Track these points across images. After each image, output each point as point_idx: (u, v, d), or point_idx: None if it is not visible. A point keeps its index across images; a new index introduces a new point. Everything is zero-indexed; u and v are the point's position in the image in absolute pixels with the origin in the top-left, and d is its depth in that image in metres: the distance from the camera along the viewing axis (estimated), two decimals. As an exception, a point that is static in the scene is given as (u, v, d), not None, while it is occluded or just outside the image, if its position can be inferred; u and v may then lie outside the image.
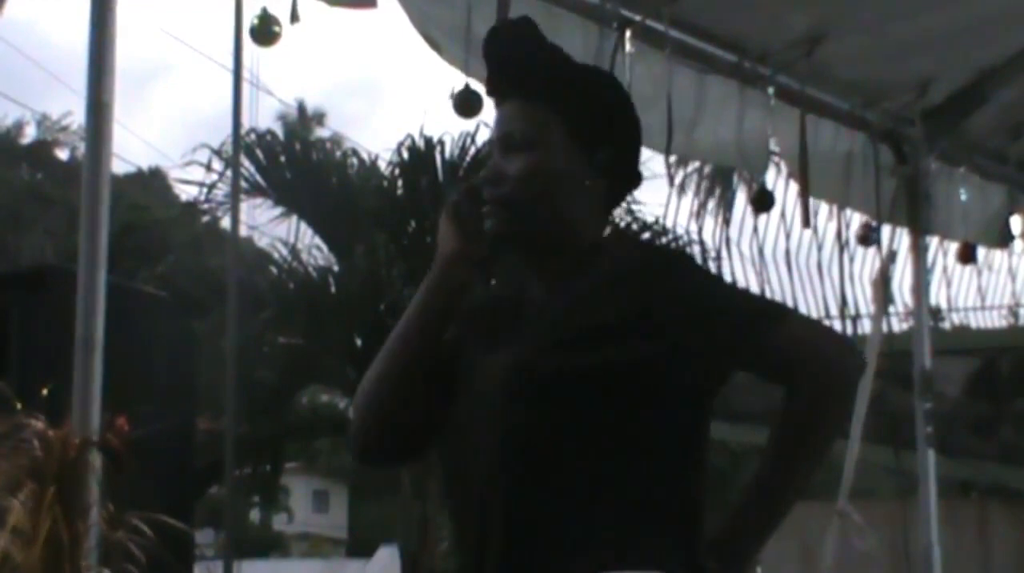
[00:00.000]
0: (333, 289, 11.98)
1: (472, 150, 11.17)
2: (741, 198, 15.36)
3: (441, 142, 11.27)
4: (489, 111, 2.25)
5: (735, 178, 19.86)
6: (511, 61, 1.98)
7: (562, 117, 1.94)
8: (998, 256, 6.00)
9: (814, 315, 9.20)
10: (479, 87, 3.40)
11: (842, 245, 5.07)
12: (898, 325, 5.98)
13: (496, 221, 1.91)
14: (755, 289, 9.38)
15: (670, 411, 1.85)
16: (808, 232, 7.85)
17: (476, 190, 1.94)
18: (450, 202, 1.94)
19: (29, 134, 32.85)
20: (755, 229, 8.84)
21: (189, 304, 11.14)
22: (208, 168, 12.10)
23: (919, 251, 4.96)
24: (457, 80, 3.41)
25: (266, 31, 3.39)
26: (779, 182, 5.64)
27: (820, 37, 4.10)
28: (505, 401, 1.86)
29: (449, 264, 1.91)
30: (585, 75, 2.04)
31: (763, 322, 1.83)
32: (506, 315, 1.98)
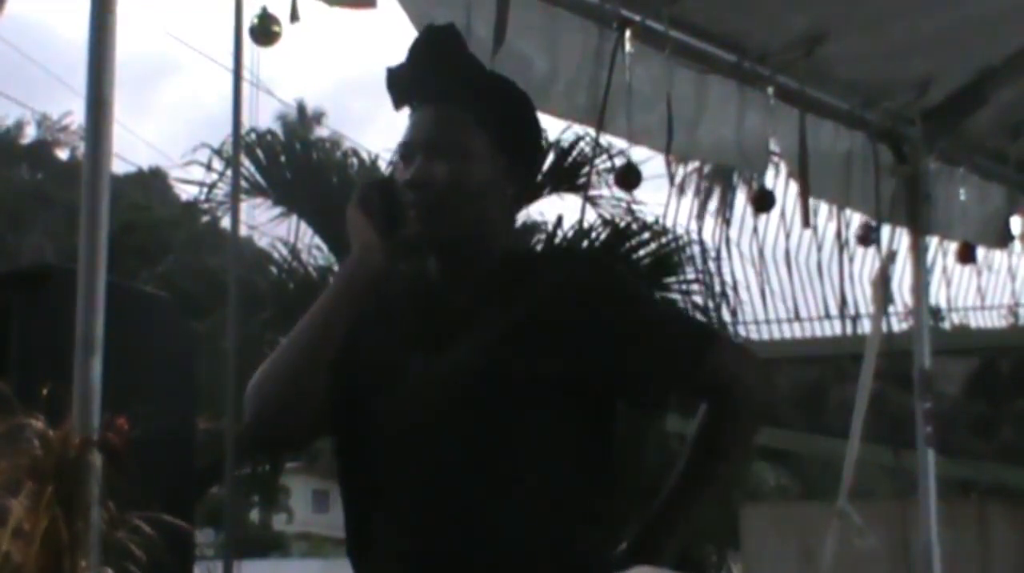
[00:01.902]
0: (333, 289, 11.95)
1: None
2: (741, 198, 15.37)
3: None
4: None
5: (735, 178, 19.88)
6: (437, 67, 2.00)
7: (485, 126, 1.98)
8: (998, 256, 6.01)
9: (814, 315, 9.23)
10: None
11: (842, 245, 5.08)
12: (898, 325, 5.98)
13: (423, 225, 1.94)
14: (755, 289, 9.40)
15: (593, 416, 1.95)
16: (808, 232, 7.87)
17: (386, 183, 1.98)
18: (359, 194, 1.98)
19: (29, 134, 32.94)
20: (755, 229, 8.85)
21: (189, 304, 11.13)
22: (208, 168, 12.10)
23: (919, 251, 4.95)
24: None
25: (266, 31, 3.39)
26: (779, 182, 5.65)
27: (820, 37, 4.10)
28: (449, 402, 1.90)
29: (365, 255, 1.94)
30: (502, 85, 2.07)
31: (692, 347, 1.96)
32: (416, 314, 1.99)
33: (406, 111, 2.04)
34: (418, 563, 1.88)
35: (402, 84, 2.03)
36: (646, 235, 11.61)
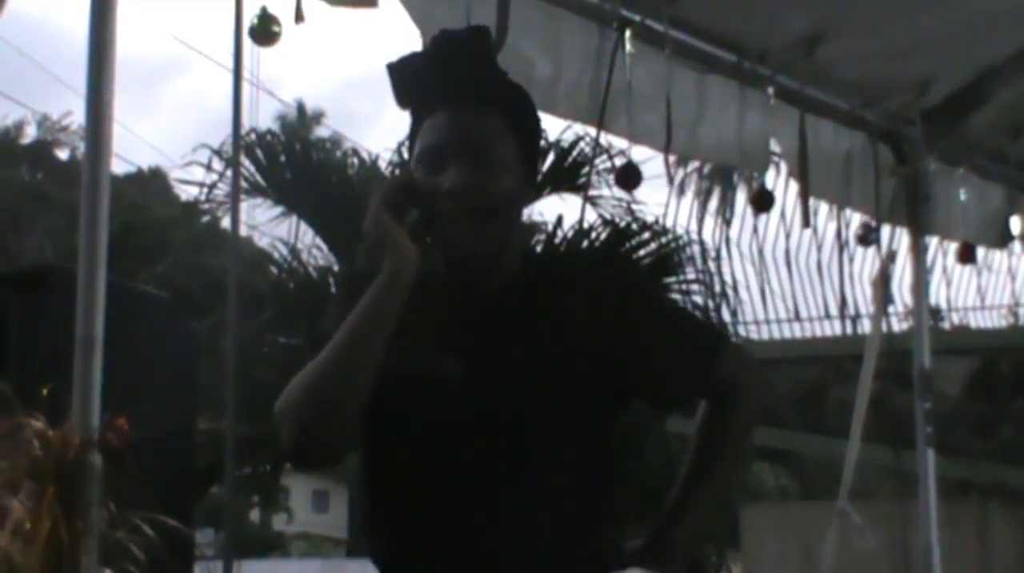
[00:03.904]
0: (333, 289, 11.98)
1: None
2: (741, 198, 15.36)
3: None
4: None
5: (735, 178, 19.90)
6: (471, 69, 1.95)
7: (516, 134, 1.96)
8: (998, 256, 6.00)
9: (814, 315, 9.23)
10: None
11: (842, 245, 5.08)
12: (898, 325, 5.98)
13: (467, 234, 1.90)
14: (755, 289, 9.41)
15: (615, 416, 2.00)
16: (808, 232, 7.87)
17: (411, 186, 1.91)
18: (386, 198, 1.88)
19: (29, 134, 32.93)
20: (755, 229, 8.85)
21: (189, 304, 11.13)
22: (208, 168, 12.10)
23: (919, 251, 4.95)
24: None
25: (266, 31, 3.39)
26: (779, 182, 5.65)
27: (820, 37, 4.10)
28: (494, 406, 1.91)
29: (402, 267, 1.86)
30: (522, 92, 2.05)
31: (707, 349, 2.02)
32: (449, 319, 1.98)
33: (401, 110, 2.00)
34: (460, 562, 1.89)
35: (419, 82, 1.95)
36: (646, 235, 11.61)
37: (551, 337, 1.92)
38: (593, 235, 11.69)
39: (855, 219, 4.90)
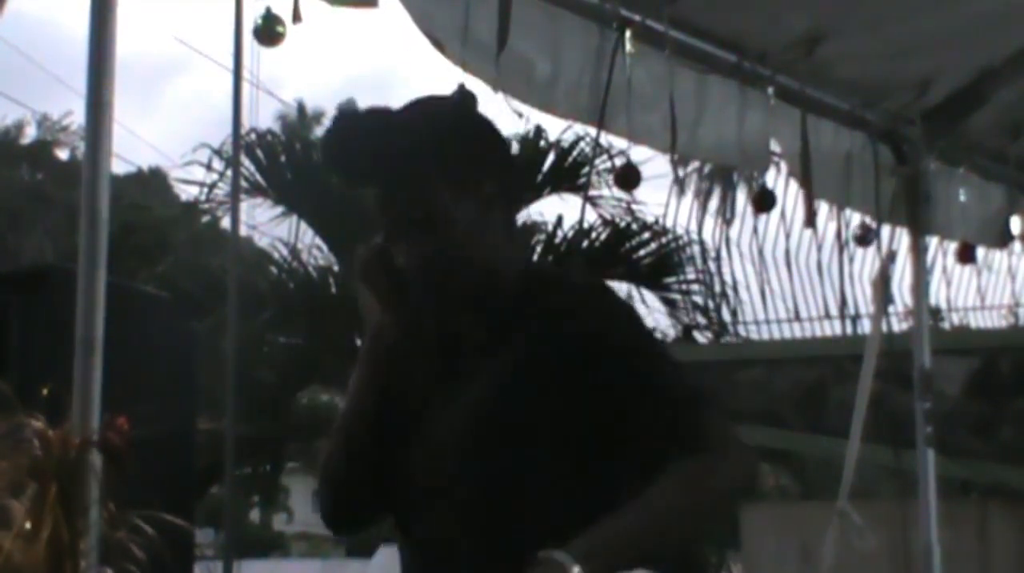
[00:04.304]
0: (333, 289, 11.99)
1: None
2: (741, 198, 15.35)
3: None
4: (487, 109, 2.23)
5: (735, 178, 19.88)
6: (367, 153, 1.96)
7: (444, 177, 1.95)
8: (998, 256, 6.00)
9: (814, 315, 9.23)
10: (476, 86, 3.40)
11: (842, 245, 5.08)
12: (898, 325, 5.98)
13: (444, 299, 1.97)
14: (755, 289, 9.40)
15: (593, 457, 1.91)
16: (808, 232, 7.87)
17: (384, 255, 1.98)
18: (361, 269, 2.01)
19: (29, 134, 32.88)
20: (755, 229, 8.86)
21: (189, 304, 11.13)
22: (208, 168, 12.11)
23: (919, 251, 4.95)
24: (458, 78, 3.41)
25: (270, 31, 3.38)
26: (779, 182, 5.65)
27: (820, 37, 4.10)
28: (461, 445, 1.94)
29: (380, 332, 2.01)
30: (429, 118, 2.02)
31: (672, 434, 1.86)
32: (430, 351, 2.03)
33: None
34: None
35: (344, 167, 2.04)
36: (646, 235, 11.63)
37: (523, 376, 1.92)
38: (593, 235, 11.71)
39: (855, 219, 4.90)
